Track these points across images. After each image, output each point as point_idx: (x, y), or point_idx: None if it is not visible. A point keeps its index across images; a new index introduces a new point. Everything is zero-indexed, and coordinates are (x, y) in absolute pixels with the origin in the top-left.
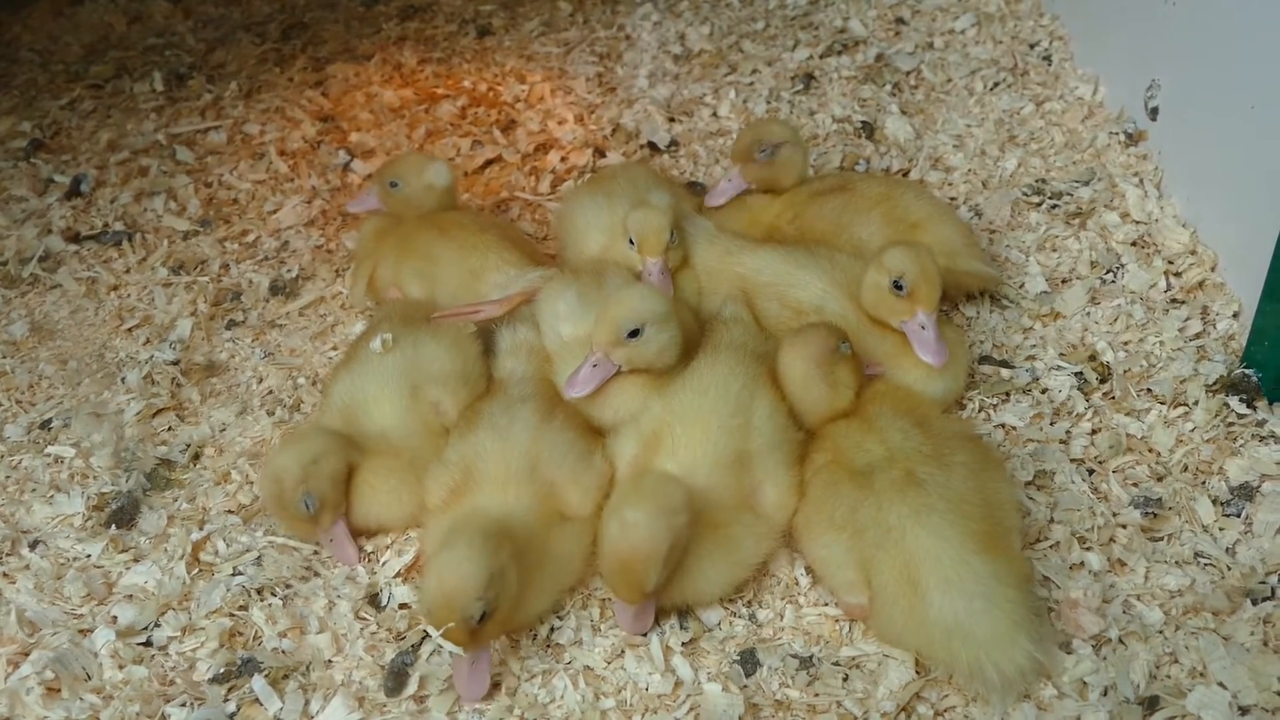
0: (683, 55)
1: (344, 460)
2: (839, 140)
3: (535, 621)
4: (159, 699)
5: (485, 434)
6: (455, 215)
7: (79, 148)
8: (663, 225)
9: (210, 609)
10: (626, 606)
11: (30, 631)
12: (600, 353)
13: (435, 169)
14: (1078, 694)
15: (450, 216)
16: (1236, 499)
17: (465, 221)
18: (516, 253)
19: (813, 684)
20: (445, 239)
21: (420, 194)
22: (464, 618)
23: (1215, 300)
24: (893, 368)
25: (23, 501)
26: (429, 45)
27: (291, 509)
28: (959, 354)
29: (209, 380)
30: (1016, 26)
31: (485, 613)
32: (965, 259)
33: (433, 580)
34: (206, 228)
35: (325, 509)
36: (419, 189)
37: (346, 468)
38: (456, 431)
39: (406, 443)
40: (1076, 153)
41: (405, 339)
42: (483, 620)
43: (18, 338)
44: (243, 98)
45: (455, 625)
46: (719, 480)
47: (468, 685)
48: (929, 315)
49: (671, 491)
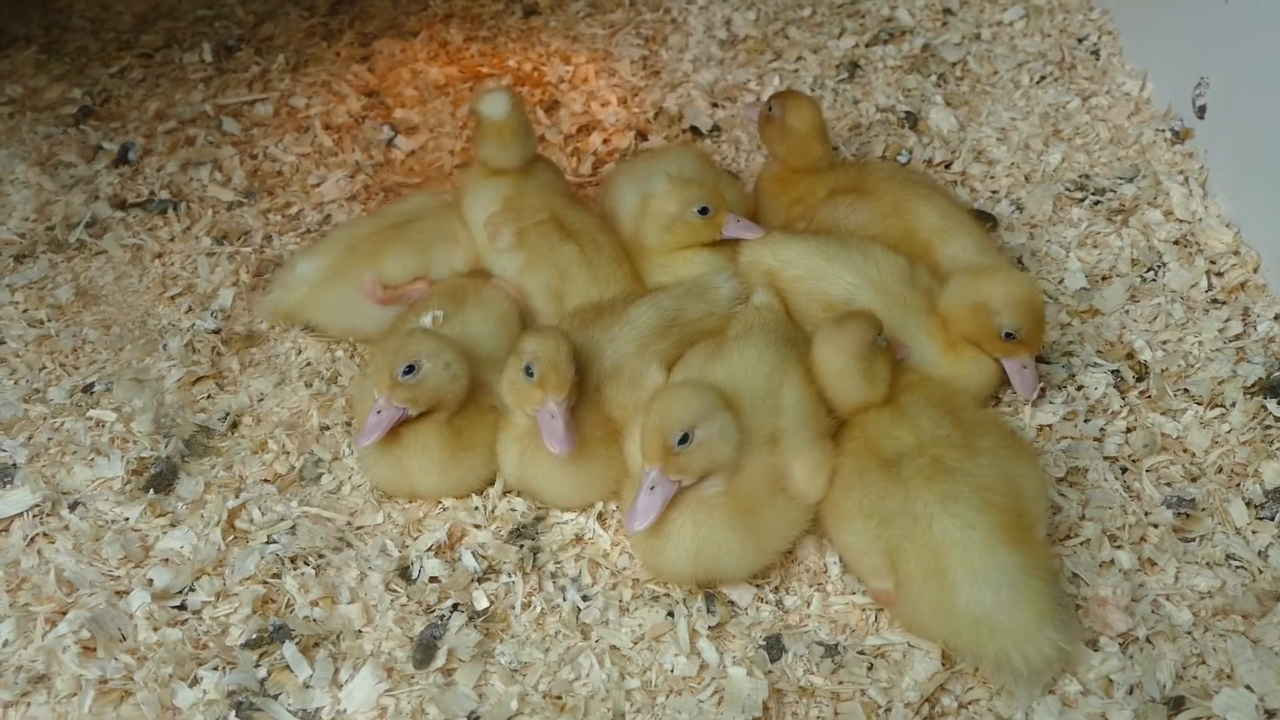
0: (728, 40)
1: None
2: (882, 130)
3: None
4: (191, 662)
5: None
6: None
7: (128, 116)
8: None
9: (244, 575)
10: (638, 493)
11: (68, 591)
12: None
13: (489, 98)
14: (1103, 691)
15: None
16: (1271, 502)
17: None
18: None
19: (837, 672)
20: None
21: (480, 126)
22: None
23: (1257, 302)
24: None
25: (64, 464)
26: (475, 23)
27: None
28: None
29: (249, 350)
30: (1065, 20)
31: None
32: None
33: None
34: (250, 199)
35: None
36: (477, 116)
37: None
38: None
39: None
40: (1121, 149)
41: (453, 319)
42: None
43: (63, 302)
44: (290, 71)
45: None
46: (750, 462)
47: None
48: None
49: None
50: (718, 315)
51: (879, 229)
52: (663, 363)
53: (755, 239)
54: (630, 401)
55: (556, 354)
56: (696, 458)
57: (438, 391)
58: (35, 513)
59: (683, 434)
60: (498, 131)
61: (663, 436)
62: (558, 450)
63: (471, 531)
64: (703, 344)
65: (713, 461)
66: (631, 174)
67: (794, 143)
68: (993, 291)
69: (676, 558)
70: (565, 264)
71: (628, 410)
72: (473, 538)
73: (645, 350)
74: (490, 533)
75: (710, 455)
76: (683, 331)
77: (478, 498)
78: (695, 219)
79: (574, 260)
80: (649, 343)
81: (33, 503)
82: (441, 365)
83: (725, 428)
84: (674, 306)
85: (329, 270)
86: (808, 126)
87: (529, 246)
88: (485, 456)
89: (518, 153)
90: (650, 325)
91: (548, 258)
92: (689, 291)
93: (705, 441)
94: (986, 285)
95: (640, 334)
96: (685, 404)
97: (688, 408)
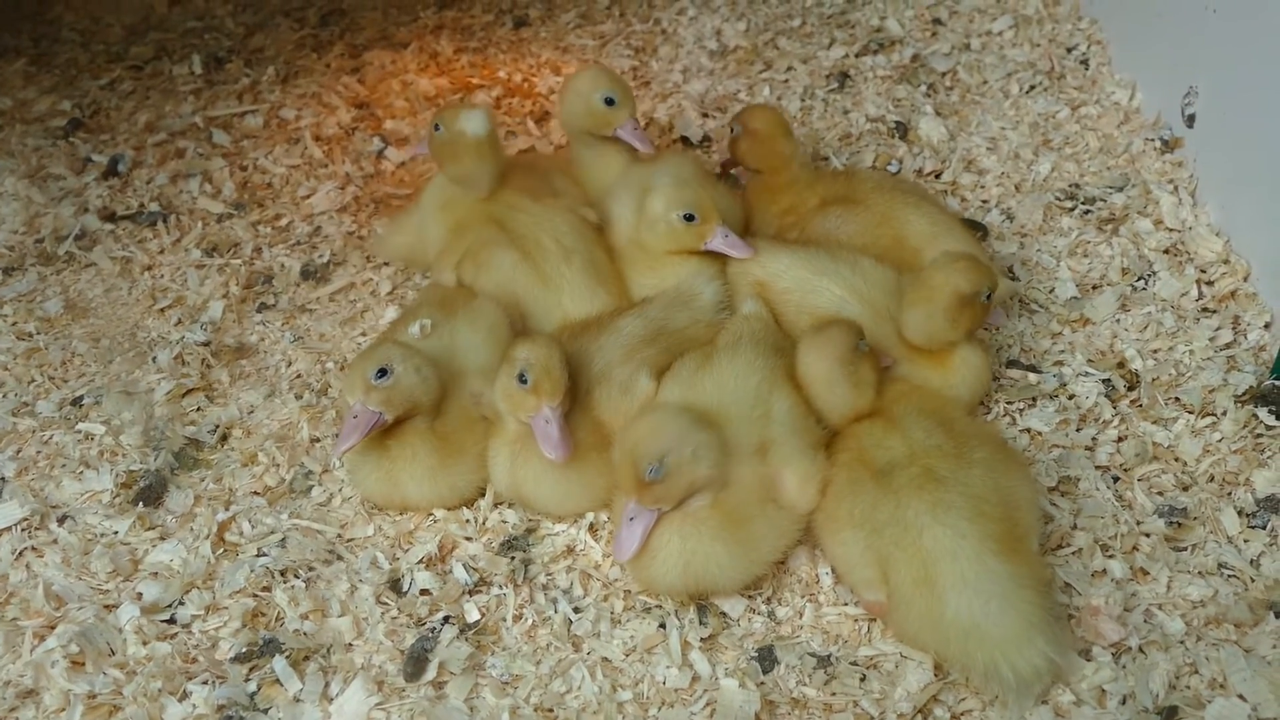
0: (718, 51)
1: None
2: (872, 140)
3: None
4: (181, 676)
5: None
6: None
7: (117, 128)
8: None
9: (234, 589)
10: (621, 524)
11: (57, 605)
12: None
13: (470, 116)
14: (1096, 701)
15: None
16: (1263, 511)
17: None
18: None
19: (830, 683)
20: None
21: (455, 140)
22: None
23: (1247, 310)
24: (911, 369)
25: (53, 477)
26: (466, 35)
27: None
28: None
29: (239, 362)
30: (1054, 29)
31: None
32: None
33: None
34: (240, 211)
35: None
36: (454, 134)
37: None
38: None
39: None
40: (1111, 158)
41: (442, 328)
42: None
43: (52, 314)
44: (280, 83)
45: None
46: (739, 472)
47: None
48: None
49: (703, 421)
50: (704, 323)
51: (869, 238)
52: (651, 370)
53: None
54: (621, 408)
55: (550, 360)
56: (672, 485)
57: (411, 394)
58: (24, 526)
59: (653, 465)
60: (476, 149)
61: (634, 468)
62: (553, 456)
63: (462, 543)
64: (692, 354)
65: (691, 484)
66: (628, 180)
67: (763, 149)
68: (956, 276)
69: (665, 571)
70: (509, 272)
71: (619, 416)
72: (464, 550)
73: (632, 357)
74: (481, 544)
75: (687, 479)
76: (670, 340)
77: (468, 510)
78: (679, 224)
79: (515, 267)
80: (636, 350)
81: (21, 516)
82: (412, 369)
83: (700, 449)
84: (660, 316)
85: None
86: (768, 126)
87: (474, 262)
88: (474, 463)
89: (491, 172)
90: (637, 334)
91: (492, 273)
92: (673, 301)
93: (678, 467)
94: (948, 278)
95: (627, 342)
96: (652, 434)
97: (654, 438)
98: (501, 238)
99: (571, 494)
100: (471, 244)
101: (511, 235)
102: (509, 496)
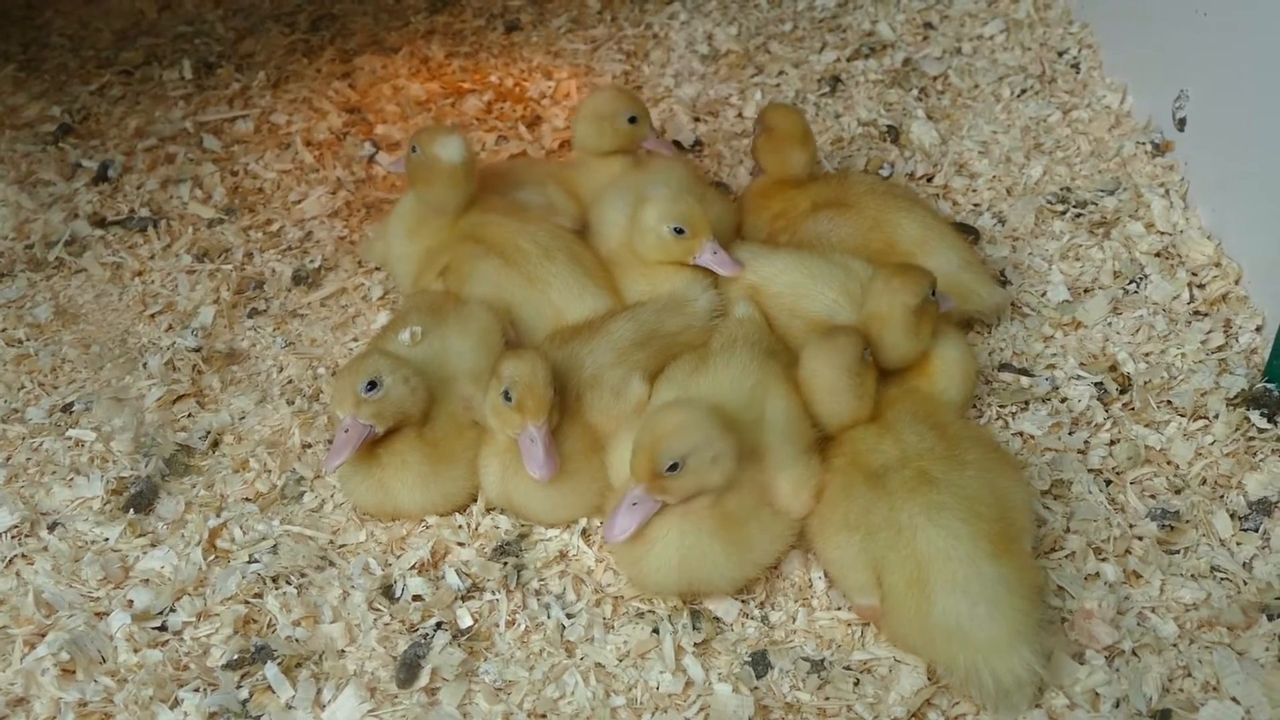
0: (710, 55)
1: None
2: (864, 144)
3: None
4: (173, 683)
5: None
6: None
7: (107, 133)
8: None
9: (225, 595)
10: (619, 504)
11: (47, 613)
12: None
13: (446, 141)
14: (1090, 705)
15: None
16: (1255, 514)
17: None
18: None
19: (823, 687)
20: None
21: (430, 164)
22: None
23: (1238, 313)
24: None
25: (42, 484)
26: (457, 39)
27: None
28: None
29: (230, 368)
30: (1045, 33)
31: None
32: (963, 290)
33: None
34: (231, 216)
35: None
36: (430, 158)
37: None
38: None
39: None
40: (1102, 162)
41: (433, 334)
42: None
43: (42, 320)
44: (270, 87)
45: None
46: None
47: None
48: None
49: (730, 426)
50: (696, 327)
51: (860, 242)
52: (643, 374)
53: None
54: (613, 412)
55: (533, 378)
56: (685, 482)
57: (401, 405)
58: (14, 534)
59: (674, 461)
60: (450, 175)
61: (653, 460)
62: (538, 475)
63: (455, 549)
64: (686, 357)
65: (700, 487)
66: (620, 187)
67: (775, 152)
68: (899, 294)
69: (659, 566)
70: (494, 278)
71: (609, 420)
72: (456, 555)
73: (624, 360)
74: (474, 550)
75: (699, 481)
76: (661, 344)
77: (461, 515)
78: (669, 236)
79: (499, 272)
80: (627, 353)
81: (11, 523)
82: (401, 380)
83: (721, 456)
84: (652, 320)
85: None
86: (786, 127)
87: (457, 278)
88: (465, 470)
89: (462, 198)
90: (628, 338)
91: (477, 284)
92: (666, 306)
93: (697, 469)
94: (893, 298)
95: (618, 346)
96: (680, 431)
97: (682, 436)
98: (478, 249)
99: (563, 503)
100: (450, 262)
101: (488, 245)
102: (500, 505)
